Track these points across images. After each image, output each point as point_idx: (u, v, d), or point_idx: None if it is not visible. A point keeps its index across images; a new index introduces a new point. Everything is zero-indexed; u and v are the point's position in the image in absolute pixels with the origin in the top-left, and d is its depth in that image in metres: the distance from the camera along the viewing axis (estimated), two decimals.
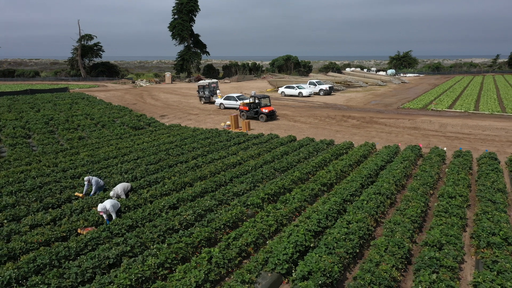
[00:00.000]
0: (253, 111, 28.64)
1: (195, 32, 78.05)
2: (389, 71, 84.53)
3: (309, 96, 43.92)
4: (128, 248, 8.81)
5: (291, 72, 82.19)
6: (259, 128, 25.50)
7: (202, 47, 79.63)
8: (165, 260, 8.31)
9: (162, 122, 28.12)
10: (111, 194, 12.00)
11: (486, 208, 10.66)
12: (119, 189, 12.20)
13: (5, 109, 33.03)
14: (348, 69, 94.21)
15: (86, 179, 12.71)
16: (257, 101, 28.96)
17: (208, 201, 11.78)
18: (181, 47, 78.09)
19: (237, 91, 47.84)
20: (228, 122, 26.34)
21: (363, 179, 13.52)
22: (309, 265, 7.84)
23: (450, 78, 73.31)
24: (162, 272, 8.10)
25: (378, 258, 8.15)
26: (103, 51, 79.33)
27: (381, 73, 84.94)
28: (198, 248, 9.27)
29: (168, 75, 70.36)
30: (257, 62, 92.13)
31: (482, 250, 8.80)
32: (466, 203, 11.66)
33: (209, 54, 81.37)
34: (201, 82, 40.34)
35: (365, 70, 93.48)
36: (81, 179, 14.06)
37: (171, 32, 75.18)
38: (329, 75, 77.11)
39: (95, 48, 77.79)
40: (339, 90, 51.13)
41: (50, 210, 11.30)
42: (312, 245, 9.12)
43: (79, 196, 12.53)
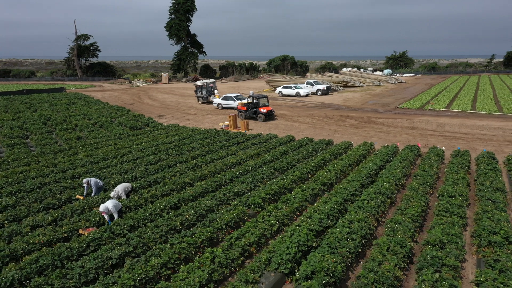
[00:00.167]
0: (251, 111, 28.63)
1: (192, 32, 77.99)
2: (386, 71, 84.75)
3: (307, 96, 43.99)
4: (131, 249, 8.80)
5: (288, 72, 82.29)
6: (258, 128, 25.51)
7: (199, 47, 79.54)
8: (168, 260, 8.31)
9: (160, 122, 28.06)
10: (112, 195, 11.98)
11: (486, 207, 10.72)
12: (120, 190, 12.17)
13: (2, 109, 32.89)
14: (345, 69, 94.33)
15: (85, 181, 12.64)
16: (255, 101, 28.95)
17: (209, 201, 11.78)
18: (178, 47, 78.10)
19: (235, 91, 47.84)
20: (227, 122, 26.33)
21: (363, 179, 13.56)
22: (312, 265, 7.86)
23: (446, 78, 73.64)
24: (166, 272, 8.10)
25: (381, 258, 8.19)
26: (100, 51, 79.22)
27: (378, 73, 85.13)
28: (201, 248, 9.28)
29: (165, 75, 70.23)
30: (254, 62, 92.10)
31: (483, 249, 8.85)
32: (466, 203, 11.73)
33: (206, 54, 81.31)
34: (199, 82, 40.24)
35: (362, 70, 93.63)
36: (81, 180, 14.02)
37: (168, 32, 75.03)
38: (326, 75, 77.20)
39: (92, 48, 77.64)
40: (336, 90, 51.25)
41: (51, 211, 11.27)
42: (315, 245, 9.15)
43: (80, 199, 12.46)
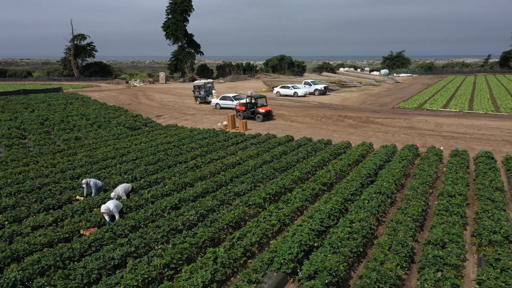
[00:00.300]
0: (250, 111, 28.64)
1: (189, 32, 77.88)
2: (383, 71, 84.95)
3: (304, 96, 44.04)
4: (133, 249, 8.80)
5: (285, 72, 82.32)
6: (256, 128, 25.52)
7: (196, 47, 79.40)
8: (171, 261, 8.31)
9: (159, 122, 28.01)
10: (112, 195, 11.94)
11: (486, 207, 10.79)
12: (120, 190, 12.14)
13: None
14: (342, 69, 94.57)
15: (84, 182, 12.58)
16: (254, 101, 28.97)
17: (210, 201, 11.78)
18: (175, 47, 77.90)
19: (232, 91, 47.81)
20: (225, 122, 26.33)
21: (363, 179, 13.60)
22: (315, 264, 7.88)
23: (443, 78, 73.91)
24: (168, 273, 8.10)
25: (383, 257, 8.23)
26: (96, 51, 78.92)
27: (375, 73, 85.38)
28: (203, 248, 9.28)
29: (162, 75, 70.08)
30: (251, 62, 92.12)
31: (484, 248, 8.90)
32: (466, 202, 11.79)
33: (203, 54, 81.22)
34: (197, 82, 40.16)
35: (359, 70, 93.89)
36: (80, 180, 13.98)
37: (165, 32, 74.87)
38: (323, 75, 77.35)
39: (88, 48, 77.30)
40: (334, 90, 51.34)
41: (51, 211, 11.24)
42: (316, 245, 9.17)
43: (81, 200, 12.39)
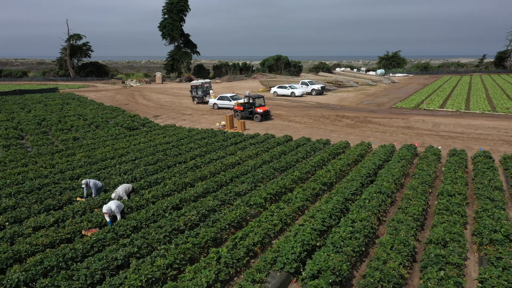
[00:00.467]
0: (248, 111, 28.65)
1: (185, 32, 77.76)
2: (379, 71, 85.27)
3: (302, 96, 44.11)
4: (135, 249, 8.78)
5: (282, 72, 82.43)
6: (254, 128, 25.54)
7: (193, 47, 79.34)
8: (174, 261, 8.31)
9: (156, 123, 27.95)
10: (113, 196, 11.91)
11: (486, 206, 10.86)
12: (121, 191, 12.12)
13: None
14: (338, 69, 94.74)
15: (84, 183, 12.51)
16: (252, 101, 28.99)
17: (211, 201, 11.78)
18: (171, 47, 77.84)
19: (229, 91, 47.81)
20: (223, 122, 26.31)
21: (363, 178, 13.65)
22: (318, 264, 7.91)
23: (439, 78, 74.32)
24: (171, 273, 8.10)
25: (385, 256, 8.27)
26: (92, 51, 78.66)
27: (371, 73, 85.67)
28: (205, 249, 9.28)
29: (159, 75, 69.95)
30: (247, 62, 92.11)
31: (485, 247, 8.97)
32: (465, 201, 11.87)
33: (200, 54, 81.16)
34: (194, 82, 40.11)
35: (355, 70, 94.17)
36: (80, 181, 13.94)
37: (161, 32, 74.75)
38: (320, 75, 77.48)
39: (84, 48, 77.08)
40: (331, 90, 51.45)
41: (52, 212, 11.19)
42: (319, 244, 9.20)
43: (82, 201, 12.32)
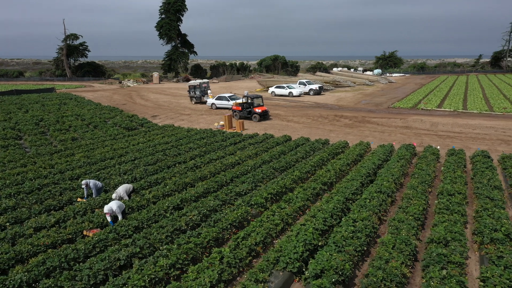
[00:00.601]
0: (246, 111, 28.64)
1: (183, 32, 77.64)
2: (376, 71, 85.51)
3: (299, 96, 44.15)
4: (138, 249, 8.78)
5: (279, 72, 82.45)
6: (253, 128, 25.55)
7: (190, 47, 79.18)
8: (176, 261, 8.32)
9: (155, 123, 27.90)
10: (114, 197, 11.90)
11: (486, 205, 10.93)
12: (121, 191, 12.11)
13: None
14: (335, 69, 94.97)
15: (84, 183, 12.47)
16: (250, 101, 28.99)
17: (212, 201, 11.79)
18: (168, 47, 77.65)
19: (227, 91, 47.80)
20: (222, 122, 26.31)
21: (363, 178, 13.69)
22: (321, 263, 7.94)
23: (435, 78, 74.57)
24: (174, 273, 8.10)
25: (387, 256, 8.31)
26: (89, 51, 78.35)
27: (368, 73, 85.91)
28: (207, 248, 9.29)
29: (156, 75, 69.77)
30: (245, 62, 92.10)
31: (486, 246, 9.03)
32: (465, 201, 11.93)
33: (197, 54, 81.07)
34: (192, 82, 40.05)
35: (352, 70, 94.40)
36: (80, 181, 13.91)
37: (159, 32, 74.53)
38: (318, 75, 77.62)
39: (81, 48, 76.74)
40: (328, 90, 51.54)
41: (53, 212, 11.15)
42: (321, 244, 9.23)
43: (83, 201, 12.26)
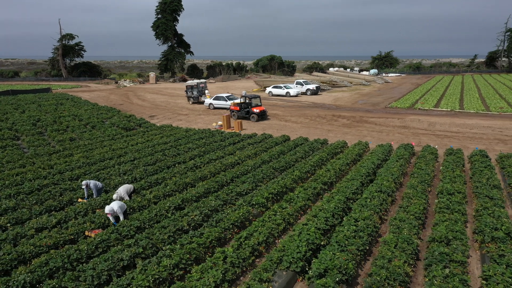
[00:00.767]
0: (244, 111, 28.66)
1: (179, 32, 77.48)
2: (372, 71, 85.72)
3: (297, 96, 44.24)
4: (141, 250, 8.77)
5: (275, 72, 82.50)
6: (251, 128, 25.56)
7: (186, 47, 79.02)
8: (180, 261, 8.32)
9: (153, 123, 27.84)
10: (114, 197, 11.87)
11: (485, 204, 11.02)
12: (122, 191, 12.08)
13: None
14: (332, 69, 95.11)
15: (84, 183, 12.42)
16: (248, 101, 29.00)
17: (213, 201, 11.80)
18: (165, 47, 77.44)
19: (224, 91, 47.77)
20: (220, 122, 26.31)
21: (363, 178, 13.75)
22: (324, 263, 7.97)
23: (431, 78, 74.91)
24: (178, 273, 8.11)
25: (390, 255, 8.35)
26: (85, 51, 78.02)
27: (365, 73, 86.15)
28: (210, 248, 9.29)
29: (152, 75, 69.58)
30: (241, 62, 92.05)
31: (487, 245, 9.10)
32: (465, 200, 12.01)
33: (193, 54, 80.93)
34: (189, 82, 39.98)
35: (348, 70, 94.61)
36: (80, 182, 13.86)
37: (155, 32, 74.35)
38: (314, 75, 77.74)
39: (77, 48, 76.37)
40: (325, 90, 51.65)
41: (54, 213, 11.11)
42: (323, 243, 9.26)
43: (84, 202, 12.20)
